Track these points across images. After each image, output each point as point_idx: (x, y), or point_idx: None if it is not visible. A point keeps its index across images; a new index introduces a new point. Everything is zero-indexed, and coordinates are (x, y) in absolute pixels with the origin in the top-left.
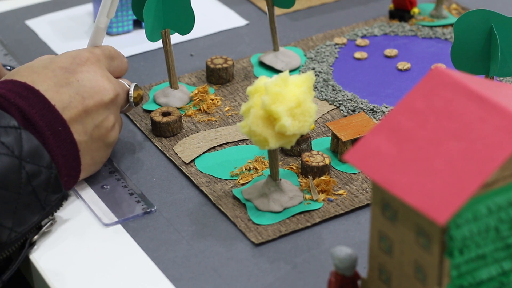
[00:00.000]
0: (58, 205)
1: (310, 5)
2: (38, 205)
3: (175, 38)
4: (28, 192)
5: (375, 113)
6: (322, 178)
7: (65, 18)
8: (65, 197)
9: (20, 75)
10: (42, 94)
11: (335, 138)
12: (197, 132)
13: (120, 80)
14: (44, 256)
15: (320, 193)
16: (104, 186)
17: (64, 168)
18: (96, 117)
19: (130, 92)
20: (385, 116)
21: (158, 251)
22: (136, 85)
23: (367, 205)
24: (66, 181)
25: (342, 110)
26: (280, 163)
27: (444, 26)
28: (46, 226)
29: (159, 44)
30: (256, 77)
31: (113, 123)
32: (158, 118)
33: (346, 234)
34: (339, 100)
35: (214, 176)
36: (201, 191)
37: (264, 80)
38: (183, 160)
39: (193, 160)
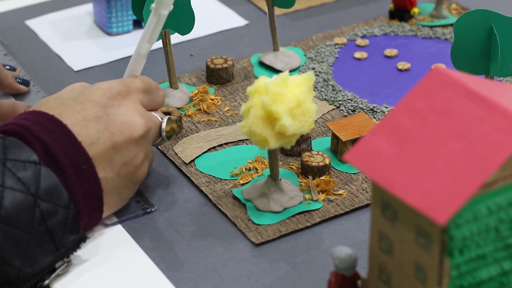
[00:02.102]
0: (75, 247)
1: (310, 5)
2: (52, 246)
3: (175, 38)
4: (41, 232)
5: (375, 113)
6: (322, 178)
7: (65, 18)
8: (83, 239)
9: (48, 106)
10: (68, 128)
11: (335, 138)
12: (197, 132)
13: (153, 113)
14: None
15: (320, 193)
16: None
17: (85, 209)
18: (125, 154)
19: (162, 126)
20: (385, 116)
21: (158, 251)
22: (169, 118)
23: (367, 205)
24: (87, 222)
25: (342, 110)
26: (280, 163)
27: (444, 26)
28: (60, 269)
29: (159, 44)
30: (256, 77)
31: (142, 160)
32: None
33: (346, 234)
34: (339, 100)
35: (214, 176)
36: (201, 191)
37: (264, 80)
38: (183, 160)
39: (193, 160)
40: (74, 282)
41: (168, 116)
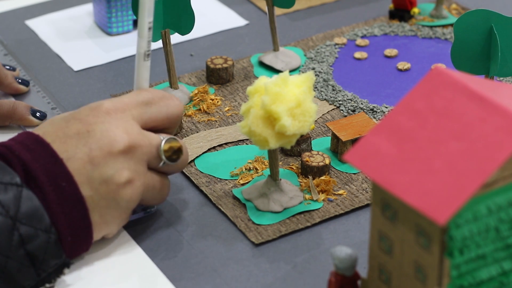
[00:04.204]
0: (57, 272)
1: (310, 5)
2: (32, 270)
3: (175, 38)
4: (20, 256)
5: (375, 113)
6: (322, 178)
7: (65, 18)
8: (66, 265)
9: (39, 127)
10: (49, 146)
11: (335, 138)
12: (197, 132)
13: (158, 135)
14: None
15: (320, 193)
16: None
17: (66, 228)
18: (103, 170)
19: (161, 146)
20: (385, 116)
21: (158, 251)
22: (171, 138)
23: (367, 205)
24: (73, 243)
25: (342, 110)
26: (280, 163)
27: (444, 26)
28: None
29: (159, 44)
30: (256, 77)
31: (126, 179)
32: None
33: (346, 234)
34: (339, 100)
35: (214, 176)
36: (201, 191)
37: (264, 80)
38: None
39: (193, 160)
40: (73, 282)
41: (173, 136)
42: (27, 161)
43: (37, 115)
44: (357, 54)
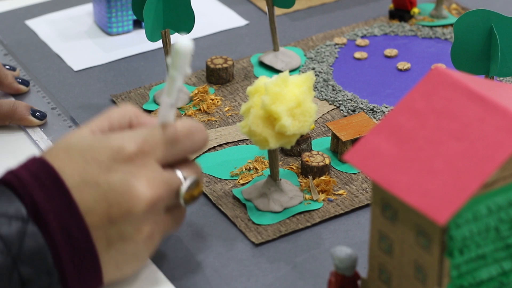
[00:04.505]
0: None
1: (310, 5)
2: None
3: (175, 38)
4: None
5: (375, 113)
6: (322, 178)
7: (65, 18)
8: None
9: (53, 153)
10: (66, 188)
11: (335, 138)
12: None
13: (177, 173)
14: None
15: (320, 193)
16: None
17: (75, 279)
18: (123, 229)
19: (181, 190)
20: (385, 116)
21: (158, 251)
22: (194, 182)
23: (367, 205)
24: None
25: (342, 110)
26: (280, 163)
27: (444, 26)
28: None
29: (159, 44)
30: (256, 77)
31: (148, 234)
32: None
33: (346, 234)
34: (339, 100)
35: (214, 176)
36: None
37: (264, 80)
38: None
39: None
40: None
41: (194, 177)
42: (39, 200)
43: (37, 115)
44: (357, 54)
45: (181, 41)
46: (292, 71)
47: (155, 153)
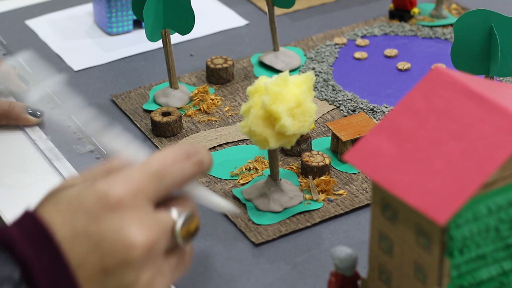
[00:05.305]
0: None
1: (310, 5)
2: None
3: (175, 38)
4: None
5: (375, 113)
6: (322, 178)
7: (65, 18)
8: None
9: (44, 207)
10: (57, 245)
11: (335, 138)
12: (197, 132)
13: (170, 211)
14: None
15: (320, 193)
16: None
17: None
18: (119, 279)
19: (176, 229)
20: (385, 116)
21: None
22: (189, 217)
23: (367, 205)
24: None
25: (342, 110)
26: (280, 163)
27: (444, 26)
28: None
29: (159, 44)
30: (256, 77)
31: (148, 282)
32: (158, 118)
33: (346, 234)
34: (339, 100)
35: (214, 176)
36: None
37: (264, 80)
38: None
39: None
40: None
41: (188, 212)
42: (29, 260)
43: (34, 113)
44: (357, 54)
45: None
46: (292, 71)
47: (144, 191)
